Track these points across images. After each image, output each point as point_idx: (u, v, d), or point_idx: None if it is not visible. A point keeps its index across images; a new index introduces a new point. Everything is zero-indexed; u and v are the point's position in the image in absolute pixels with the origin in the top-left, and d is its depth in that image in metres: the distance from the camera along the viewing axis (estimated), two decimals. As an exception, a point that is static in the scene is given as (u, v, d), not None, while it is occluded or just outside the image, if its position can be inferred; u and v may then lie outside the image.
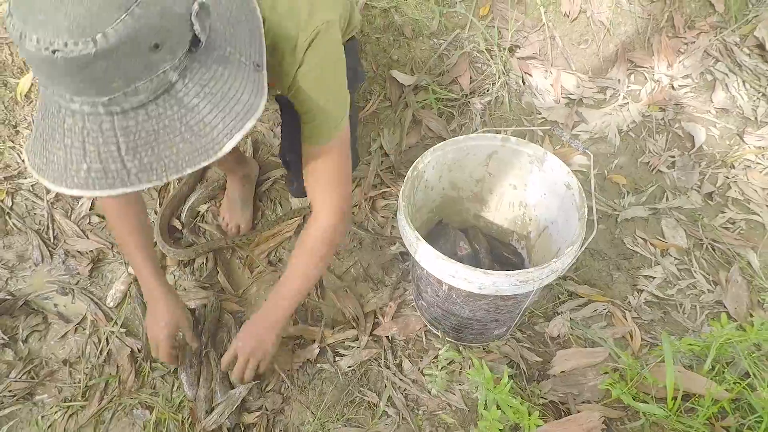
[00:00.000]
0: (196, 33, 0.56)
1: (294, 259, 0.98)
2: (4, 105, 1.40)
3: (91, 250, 1.34)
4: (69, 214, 1.38)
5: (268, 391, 1.15)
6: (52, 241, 1.35)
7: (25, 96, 1.39)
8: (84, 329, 1.24)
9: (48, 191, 1.39)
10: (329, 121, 0.82)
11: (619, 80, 1.68)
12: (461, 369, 1.14)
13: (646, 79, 1.70)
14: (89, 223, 1.38)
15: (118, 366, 1.19)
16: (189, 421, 1.10)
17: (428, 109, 1.57)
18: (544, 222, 1.13)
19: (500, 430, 0.91)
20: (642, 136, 1.61)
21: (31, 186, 1.39)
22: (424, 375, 1.13)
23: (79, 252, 1.34)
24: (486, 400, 0.94)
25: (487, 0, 1.60)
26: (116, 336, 1.22)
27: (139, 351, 1.20)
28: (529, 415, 0.92)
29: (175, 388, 1.15)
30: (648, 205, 1.47)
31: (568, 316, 1.24)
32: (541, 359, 1.17)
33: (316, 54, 0.75)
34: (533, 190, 1.12)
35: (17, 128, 1.40)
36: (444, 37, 1.60)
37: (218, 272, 1.31)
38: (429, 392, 1.11)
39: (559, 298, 1.29)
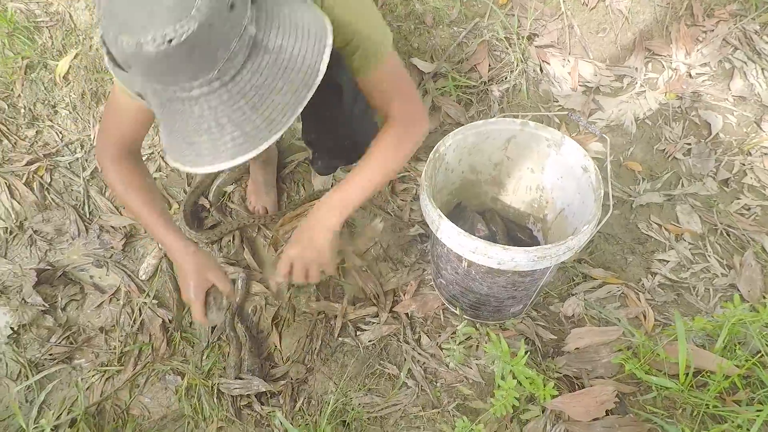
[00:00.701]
0: None
1: (374, 148, 0.89)
2: (44, 86, 1.46)
3: (124, 226, 1.40)
4: (103, 191, 1.45)
5: (292, 361, 1.20)
6: (87, 216, 1.42)
7: (64, 77, 1.46)
8: (118, 300, 1.31)
9: (84, 168, 1.46)
10: (374, 44, 0.82)
11: (636, 68, 1.70)
12: (478, 344, 1.19)
13: (663, 67, 1.71)
14: (122, 200, 1.45)
15: (150, 335, 1.25)
16: (217, 387, 1.16)
17: (447, 96, 1.60)
18: (561, 204, 1.17)
19: (516, 399, 0.96)
20: (658, 124, 1.63)
21: (69, 163, 1.46)
22: (442, 349, 1.18)
23: (112, 227, 1.40)
24: (503, 372, 0.98)
25: (507, -12, 1.63)
26: (148, 307, 1.29)
27: (170, 321, 1.27)
28: (545, 386, 0.96)
29: (204, 357, 1.22)
30: (663, 191, 1.50)
31: (582, 297, 1.28)
32: (555, 337, 1.21)
33: None
34: (550, 173, 1.15)
35: (56, 108, 1.47)
36: (464, 26, 1.63)
37: (244, 249, 1.37)
38: (447, 366, 1.16)
39: (574, 280, 1.32)
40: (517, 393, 0.96)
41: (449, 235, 0.93)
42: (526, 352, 0.97)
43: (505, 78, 1.62)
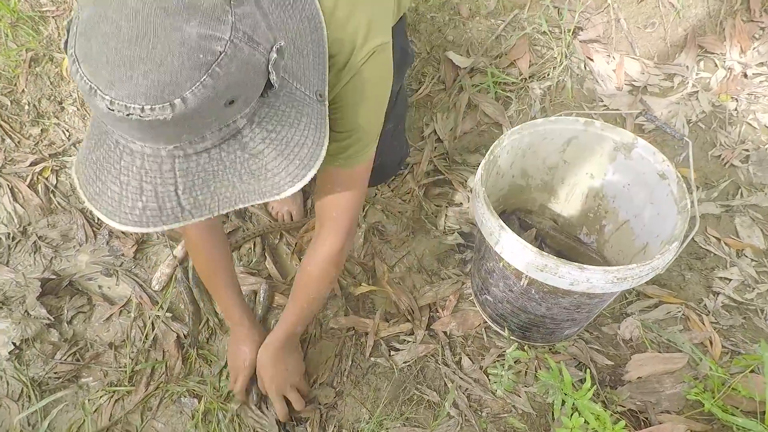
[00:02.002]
0: (272, 81, 0.52)
1: (302, 282, 0.93)
2: (50, 80, 1.35)
3: (135, 232, 1.29)
4: (113, 193, 1.34)
5: (320, 384, 1.09)
6: (96, 221, 1.31)
7: (71, 70, 1.35)
8: (129, 312, 1.20)
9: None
10: (364, 141, 0.75)
11: (687, 67, 1.57)
12: (527, 370, 1.07)
13: (716, 66, 1.59)
14: (134, 203, 1.33)
15: (164, 351, 1.14)
16: (237, 413, 1.05)
17: (485, 93, 1.48)
18: (625, 215, 1.05)
19: (581, 438, 0.84)
20: (713, 128, 1.50)
21: (76, 163, 1.35)
22: (487, 375, 1.06)
23: (123, 233, 1.29)
24: (565, 406, 0.86)
25: (550, -22, 1.51)
26: (162, 320, 1.18)
27: (185, 336, 1.16)
28: (614, 424, 0.85)
29: (223, 377, 1.11)
30: (720, 202, 1.37)
31: (638, 317, 1.16)
32: (612, 363, 1.09)
33: (367, 73, 0.68)
34: (615, 180, 1.03)
35: (62, 104, 1.36)
36: (502, 18, 1.51)
37: (266, 258, 1.26)
38: (493, 393, 1.05)
39: (626, 298, 1.20)
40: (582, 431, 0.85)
41: (512, 250, 0.82)
42: (592, 385, 0.85)
43: (547, 75, 1.50)
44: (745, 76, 1.57)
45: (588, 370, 0.90)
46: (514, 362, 1.05)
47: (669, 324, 1.15)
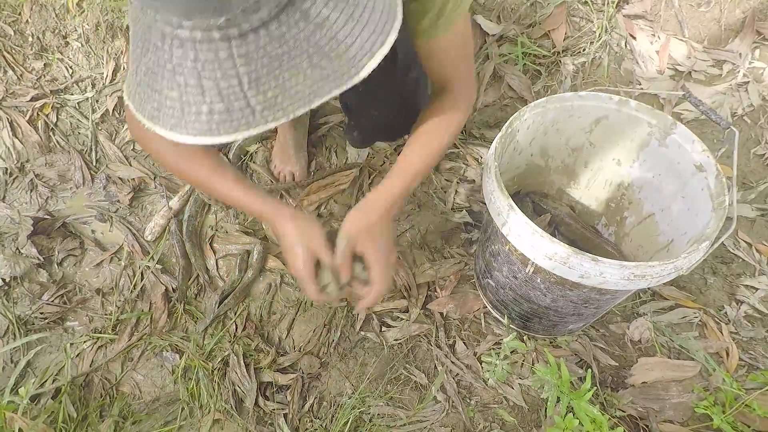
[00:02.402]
0: None
1: (424, 129, 0.76)
2: (55, 13, 1.30)
3: (133, 179, 1.25)
4: (113, 137, 1.30)
5: (305, 353, 1.05)
6: (94, 164, 1.27)
7: (77, 4, 1.29)
8: (119, 260, 1.17)
9: (94, 110, 1.30)
10: (454, 2, 0.66)
11: (740, 54, 1.43)
12: (523, 361, 1.01)
13: (773, 56, 1.43)
14: (133, 149, 1.29)
15: (151, 303, 1.11)
16: (221, 372, 1.02)
17: (512, 65, 1.37)
18: (650, 208, 0.96)
19: (572, 440, 0.78)
20: (759, 124, 1.37)
21: (78, 103, 1.31)
22: (481, 362, 1.00)
23: (120, 179, 1.25)
24: (559, 404, 0.80)
25: (599, -58, 1.37)
26: (152, 271, 1.14)
27: (173, 290, 1.13)
28: (611, 429, 0.78)
29: (208, 335, 1.08)
30: (757, 205, 1.26)
31: (651, 318, 1.07)
32: (616, 364, 1.02)
33: None
34: (644, 168, 0.94)
35: (67, 39, 1.31)
36: (541, -17, 1.38)
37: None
38: (484, 381, 0.99)
39: (640, 297, 1.12)
40: (574, 433, 0.78)
41: (519, 232, 0.74)
42: (592, 386, 0.79)
43: (583, 50, 1.38)
44: (805, 69, 1.42)
45: (589, 370, 0.83)
46: (511, 352, 0.99)
47: (683, 329, 1.07)
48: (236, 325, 1.08)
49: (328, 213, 1.23)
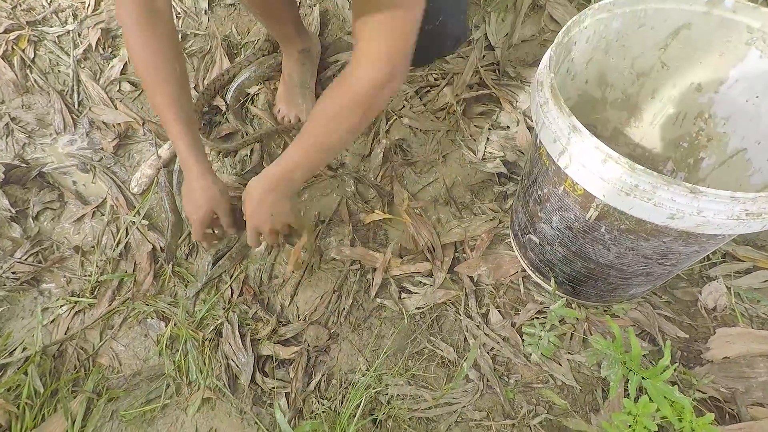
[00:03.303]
0: None
1: (316, 114, 0.68)
2: (29, -68, 1.14)
3: (119, 124, 1.10)
4: (97, 77, 1.14)
5: (311, 323, 0.89)
6: (76, 107, 1.12)
7: None
8: (102, 215, 1.02)
9: (76, 45, 1.14)
10: None
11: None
12: (573, 332, 0.83)
13: None
14: (119, 90, 1.14)
15: (135, 264, 0.97)
16: (213, 344, 0.87)
17: (556, -8, 1.16)
18: (739, 143, 0.76)
19: (648, 430, 0.61)
20: None
21: (57, 37, 1.15)
22: (521, 334, 0.83)
23: (105, 123, 1.11)
24: (628, 384, 0.62)
25: None
26: (137, 228, 1.00)
27: (161, 250, 0.98)
28: (697, 415, 0.60)
29: (199, 300, 0.93)
30: None
31: (724, 282, 0.88)
32: (687, 335, 0.83)
33: None
34: (735, 91, 0.74)
35: (43, -37, 1.15)
36: None
37: (263, 166, 1.04)
38: (526, 357, 0.82)
39: (709, 258, 0.93)
40: (652, 421, 0.61)
41: (584, 161, 0.56)
42: (674, 364, 0.61)
43: (643, -28, 1.15)
44: None
45: (667, 341, 0.65)
46: (559, 322, 0.81)
47: (766, 294, 0.88)
48: (232, 289, 0.93)
49: (339, 164, 1.06)
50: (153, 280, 0.95)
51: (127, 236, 0.99)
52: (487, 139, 1.07)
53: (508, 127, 1.10)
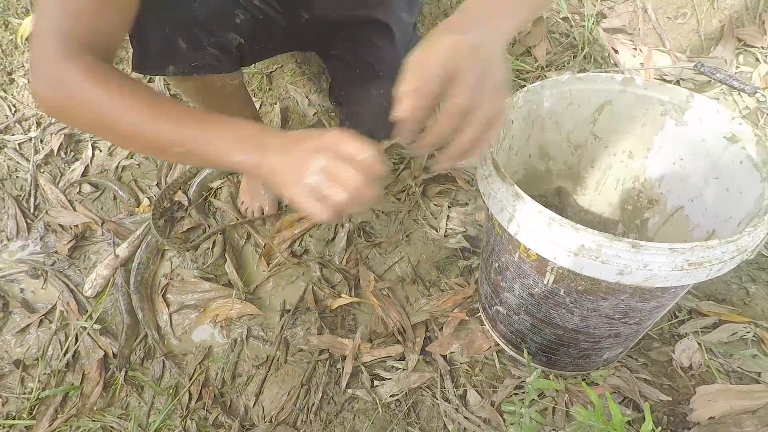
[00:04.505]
0: None
1: None
2: (2, 49, 1.20)
3: (76, 225, 1.08)
4: (57, 180, 1.14)
5: (277, 424, 0.82)
6: (32, 211, 1.11)
7: (26, 40, 1.19)
8: (50, 322, 0.96)
9: (37, 151, 1.16)
10: None
11: (726, 60, 1.38)
12: (555, 406, 0.80)
13: (758, 60, 1.39)
14: (80, 192, 1.13)
15: (84, 374, 0.89)
16: (167, 456, 0.78)
17: (494, 83, 1.29)
18: (676, 201, 0.81)
19: None
20: (759, 125, 1.28)
21: (19, 144, 1.16)
22: (502, 413, 0.79)
23: (61, 226, 1.08)
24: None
25: (567, -38, 1.36)
26: (88, 333, 0.93)
27: (114, 356, 0.91)
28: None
29: (154, 405, 0.85)
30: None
31: (694, 338, 0.89)
32: (669, 398, 0.81)
33: None
34: (662, 156, 0.81)
35: (12, 76, 1.20)
36: (513, 4, 1.35)
37: (226, 260, 1.03)
38: (509, 439, 0.77)
39: (676, 316, 0.94)
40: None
41: (531, 227, 0.58)
42: (658, 428, 0.59)
43: (566, 63, 1.31)
44: (794, 71, 1.37)
45: (647, 403, 0.63)
46: (538, 396, 0.78)
47: (737, 347, 0.88)
48: (190, 393, 0.86)
49: (303, 250, 1.06)
50: (102, 391, 0.87)
51: (76, 344, 0.93)
52: (448, 216, 1.11)
53: (466, 203, 1.14)
